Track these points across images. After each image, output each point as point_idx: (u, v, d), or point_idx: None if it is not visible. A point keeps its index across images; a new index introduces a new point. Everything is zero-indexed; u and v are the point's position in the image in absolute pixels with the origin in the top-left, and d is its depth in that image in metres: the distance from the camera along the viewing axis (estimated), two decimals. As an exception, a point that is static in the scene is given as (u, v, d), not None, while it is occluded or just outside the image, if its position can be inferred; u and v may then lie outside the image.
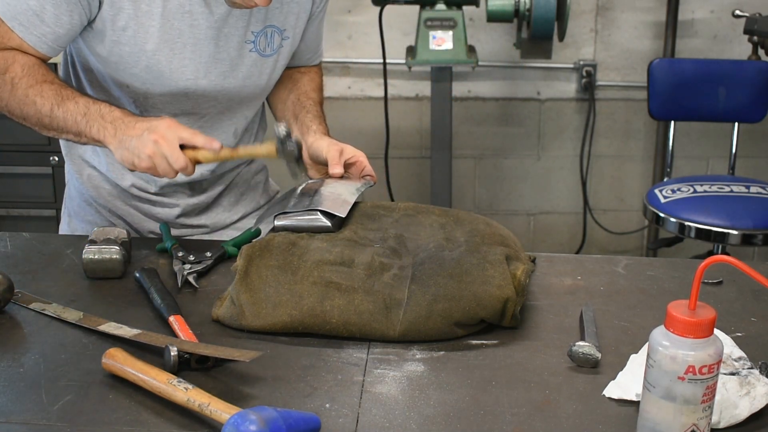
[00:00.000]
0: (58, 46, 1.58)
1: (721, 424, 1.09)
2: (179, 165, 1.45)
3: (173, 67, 1.60)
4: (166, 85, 1.62)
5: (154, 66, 1.59)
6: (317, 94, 1.82)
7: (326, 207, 1.45)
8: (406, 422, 1.11)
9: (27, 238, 1.65)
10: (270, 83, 1.74)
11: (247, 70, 1.67)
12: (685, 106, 3.31)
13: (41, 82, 1.55)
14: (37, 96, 1.54)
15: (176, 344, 1.20)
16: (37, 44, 1.56)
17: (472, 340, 1.30)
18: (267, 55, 1.68)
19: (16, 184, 3.15)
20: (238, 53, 1.64)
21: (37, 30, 1.54)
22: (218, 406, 1.07)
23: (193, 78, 1.62)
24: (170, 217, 1.78)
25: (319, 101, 1.81)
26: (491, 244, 1.41)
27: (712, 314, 0.99)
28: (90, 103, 1.53)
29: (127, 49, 1.57)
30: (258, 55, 1.67)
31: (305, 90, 1.80)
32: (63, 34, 1.56)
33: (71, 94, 1.55)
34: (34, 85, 1.54)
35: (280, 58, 1.71)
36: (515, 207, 3.87)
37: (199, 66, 1.62)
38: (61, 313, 1.36)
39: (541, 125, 3.76)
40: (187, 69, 1.61)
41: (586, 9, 3.60)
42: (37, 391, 1.16)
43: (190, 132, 1.48)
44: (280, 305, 1.30)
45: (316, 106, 1.77)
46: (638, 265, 1.57)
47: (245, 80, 1.68)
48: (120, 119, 1.50)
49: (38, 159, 3.09)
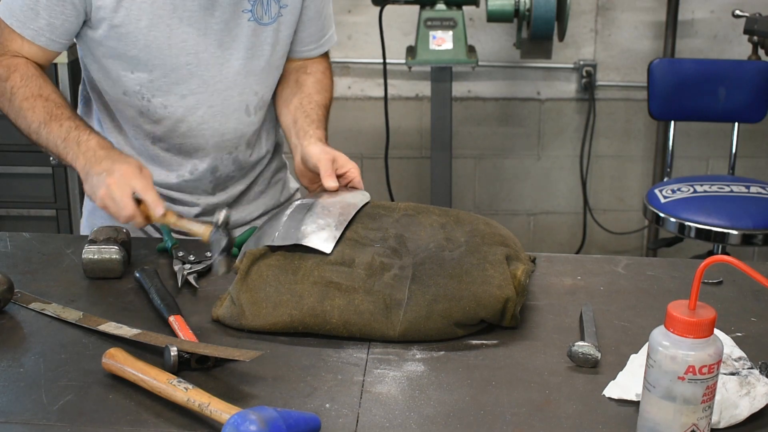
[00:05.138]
0: (56, 38, 1.59)
1: (721, 424, 1.09)
2: (125, 213, 1.42)
3: (172, 42, 1.59)
4: (169, 64, 1.61)
5: (152, 43, 1.58)
6: (322, 96, 1.78)
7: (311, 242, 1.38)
8: (406, 422, 1.11)
9: (27, 238, 1.65)
10: (275, 56, 1.71)
11: (247, 40, 1.65)
12: (685, 106, 3.31)
13: (36, 95, 1.57)
14: (29, 110, 1.56)
15: (176, 344, 1.20)
16: (35, 38, 1.58)
17: (472, 340, 1.30)
18: (265, 24, 1.66)
19: (16, 184, 3.15)
20: (236, 22, 1.63)
21: (33, 24, 1.57)
22: (218, 406, 1.07)
23: (194, 52, 1.61)
24: (190, 215, 1.77)
25: (324, 103, 1.77)
26: (491, 244, 1.41)
27: (712, 314, 0.99)
28: (72, 128, 1.54)
29: (122, 30, 1.57)
30: (256, 23, 1.65)
31: (309, 93, 1.77)
32: (59, 25, 1.57)
33: (60, 114, 1.55)
34: (29, 98, 1.57)
35: (282, 28, 1.69)
36: (515, 207, 3.87)
37: (197, 39, 1.61)
38: (61, 313, 1.36)
39: (541, 125, 3.76)
40: (186, 44, 1.60)
41: (586, 9, 3.60)
42: (37, 391, 1.16)
43: (143, 185, 1.44)
44: (281, 305, 1.30)
45: (318, 110, 1.74)
46: (638, 265, 1.57)
47: (247, 51, 1.66)
48: (92, 151, 1.50)
49: (38, 159, 3.09)
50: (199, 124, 1.68)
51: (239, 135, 1.73)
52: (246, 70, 1.68)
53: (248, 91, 1.71)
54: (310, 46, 1.80)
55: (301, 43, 1.79)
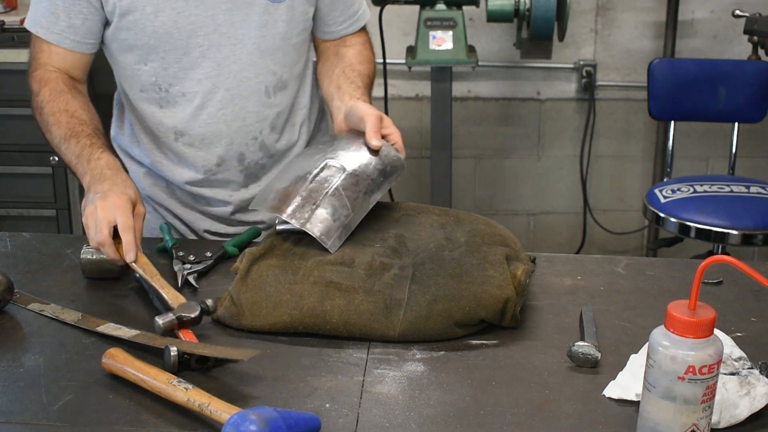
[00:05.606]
0: (80, 39, 1.61)
1: (721, 424, 1.09)
2: (97, 238, 1.40)
3: (180, 25, 1.59)
4: (180, 48, 1.60)
5: (160, 29, 1.58)
6: (364, 66, 1.74)
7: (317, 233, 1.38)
8: (406, 422, 1.11)
9: (27, 238, 1.65)
10: (291, 34, 1.68)
11: (259, 18, 1.62)
12: (685, 106, 3.30)
13: (62, 110, 1.60)
14: (54, 125, 1.59)
15: (176, 344, 1.21)
16: (60, 41, 1.62)
17: (472, 340, 1.30)
18: (277, 1, 1.63)
19: (16, 184, 3.15)
20: (245, 1, 1.61)
21: (55, 27, 1.61)
22: (218, 406, 1.07)
23: (204, 34, 1.60)
24: (225, 214, 1.76)
25: (366, 73, 1.73)
26: (491, 244, 1.41)
27: (712, 314, 0.99)
28: (87, 145, 1.54)
29: (130, 18, 1.58)
30: (268, 1, 1.62)
31: (351, 63, 1.73)
32: (79, 25, 1.60)
33: (80, 130, 1.57)
34: (55, 113, 1.60)
35: (296, 5, 1.66)
36: (515, 207, 3.87)
37: (205, 20, 1.60)
38: (60, 313, 1.36)
39: (541, 125, 3.76)
40: (195, 26, 1.59)
41: (586, 9, 3.60)
42: (37, 391, 1.16)
43: (125, 223, 1.41)
44: (281, 305, 1.30)
45: (361, 78, 1.70)
46: (638, 265, 1.57)
47: (260, 29, 1.63)
48: (99, 169, 1.50)
49: (38, 159, 3.09)
50: (218, 110, 1.66)
51: (261, 118, 1.70)
52: (260, 49, 1.65)
53: (265, 71, 1.67)
54: (344, 25, 1.77)
55: (332, 23, 1.76)
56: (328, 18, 1.75)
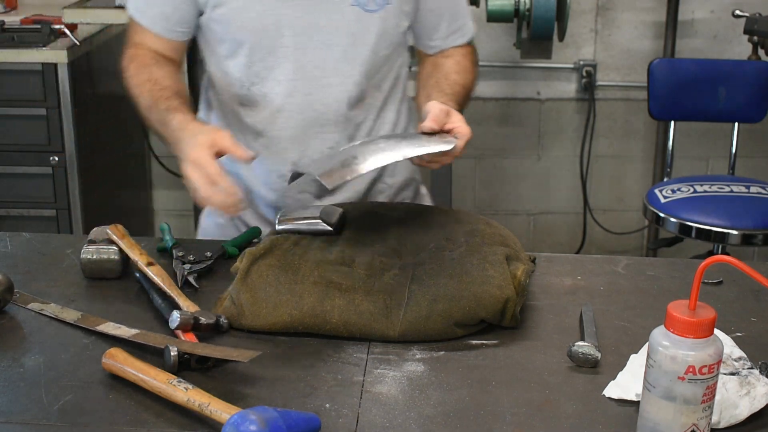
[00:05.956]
0: (171, 27, 1.64)
1: (721, 424, 1.09)
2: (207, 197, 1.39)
3: (267, 23, 1.58)
4: (265, 46, 1.60)
5: (248, 25, 1.58)
6: (460, 76, 1.68)
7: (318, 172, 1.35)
8: (406, 422, 1.11)
9: (27, 238, 1.65)
10: (381, 46, 1.64)
11: (349, 26, 1.60)
12: (685, 106, 3.30)
13: (145, 81, 1.61)
14: (139, 97, 1.62)
15: (176, 344, 1.21)
16: (151, 26, 1.64)
17: (472, 340, 1.30)
18: (371, 11, 1.60)
19: (16, 184, 3.15)
20: (336, 7, 1.59)
21: (150, 11, 1.64)
22: (218, 406, 1.07)
23: (290, 35, 1.59)
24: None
25: (461, 82, 1.67)
26: (491, 244, 1.41)
27: (712, 314, 0.99)
28: (163, 110, 1.54)
29: (220, 11, 1.59)
30: (360, 9, 1.59)
31: (446, 72, 1.68)
32: (170, 13, 1.63)
33: (158, 96, 1.56)
34: (139, 85, 1.61)
35: (390, 17, 1.62)
36: (515, 207, 3.87)
37: (293, 21, 1.58)
38: (59, 313, 1.36)
39: (541, 125, 3.76)
40: (282, 25, 1.58)
41: (586, 9, 3.59)
42: (37, 391, 1.16)
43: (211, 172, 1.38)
44: (281, 305, 1.30)
45: (451, 86, 1.64)
46: (638, 265, 1.57)
47: (349, 37, 1.61)
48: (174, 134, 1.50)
49: (38, 159, 3.08)
50: (296, 114, 1.64)
51: (340, 129, 1.66)
52: (347, 57, 1.62)
53: (349, 80, 1.64)
54: (448, 40, 1.73)
55: (436, 37, 1.72)
56: (432, 33, 1.72)
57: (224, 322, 1.30)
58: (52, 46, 2.94)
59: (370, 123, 1.71)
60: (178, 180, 3.72)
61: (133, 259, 1.45)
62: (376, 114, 1.72)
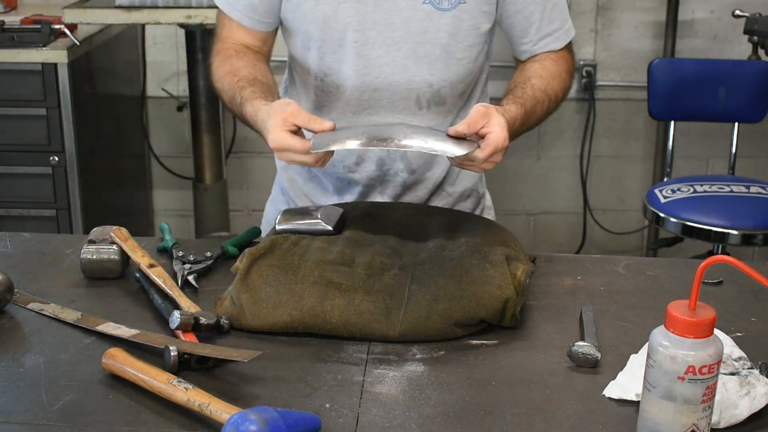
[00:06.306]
0: (259, 18, 1.65)
1: (721, 424, 1.09)
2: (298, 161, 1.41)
3: (338, 17, 1.58)
4: (336, 40, 1.59)
5: (319, 17, 1.58)
6: (542, 81, 1.62)
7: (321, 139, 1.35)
8: (406, 422, 1.11)
9: (27, 238, 1.65)
10: (455, 47, 1.61)
11: (420, 23, 1.57)
12: (685, 106, 3.30)
13: (226, 73, 1.61)
14: (221, 91, 1.62)
15: (176, 344, 1.21)
16: (238, 17, 1.66)
17: (472, 340, 1.30)
18: (444, 9, 1.57)
19: (16, 184, 3.15)
20: (408, 3, 1.56)
21: (238, 5, 1.65)
22: (218, 406, 1.07)
23: (360, 29, 1.58)
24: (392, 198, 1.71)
25: (542, 87, 1.61)
26: (491, 244, 1.41)
27: (712, 314, 0.99)
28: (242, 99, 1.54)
29: (294, 2, 1.60)
30: (432, 7, 1.57)
31: (528, 76, 1.63)
32: (257, 4, 1.63)
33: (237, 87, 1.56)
34: (221, 78, 1.62)
35: (465, 17, 1.59)
36: (515, 207, 3.87)
37: (364, 15, 1.58)
38: (59, 313, 1.36)
39: (541, 125, 3.75)
40: (352, 19, 1.58)
41: (586, 9, 3.59)
42: (37, 391, 1.16)
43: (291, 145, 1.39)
44: (281, 305, 1.30)
45: (529, 90, 1.59)
46: (638, 265, 1.57)
47: (419, 35, 1.58)
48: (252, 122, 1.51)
49: (38, 159, 3.08)
50: (364, 108, 1.63)
51: None
52: (416, 55, 1.60)
53: (419, 79, 1.61)
54: (539, 44, 1.68)
55: (527, 42, 1.69)
56: (522, 37, 1.68)
57: (225, 322, 1.30)
58: (52, 46, 2.94)
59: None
60: (178, 180, 3.74)
61: (135, 261, 1.45)
62: (452, 119, 1.68)
